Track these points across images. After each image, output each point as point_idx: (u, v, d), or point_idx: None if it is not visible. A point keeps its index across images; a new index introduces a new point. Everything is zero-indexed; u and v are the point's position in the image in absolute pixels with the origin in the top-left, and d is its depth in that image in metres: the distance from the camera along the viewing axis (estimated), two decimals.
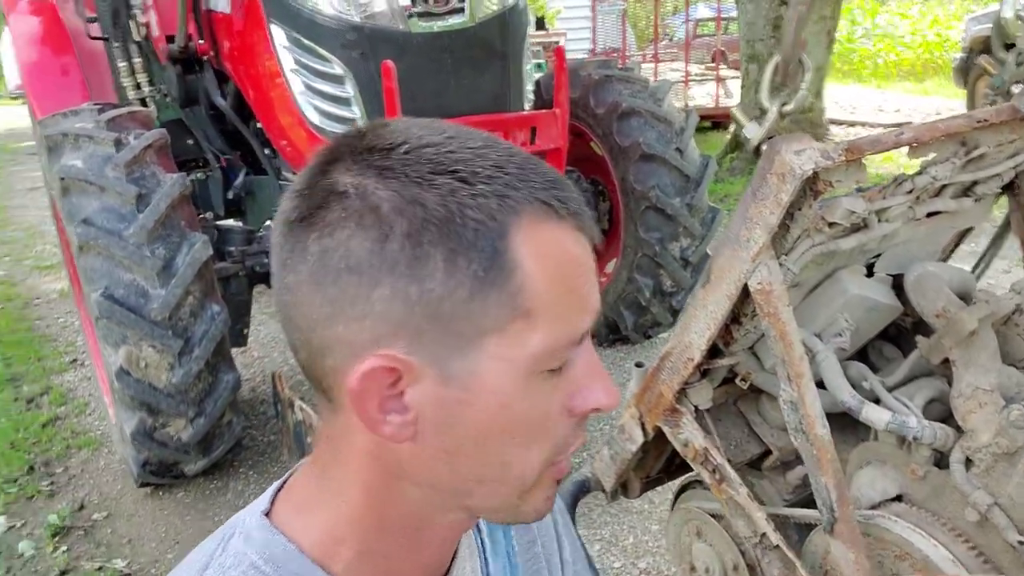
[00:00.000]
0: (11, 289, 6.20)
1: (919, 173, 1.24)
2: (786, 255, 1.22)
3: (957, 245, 1.57)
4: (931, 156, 1.26)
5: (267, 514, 0.65)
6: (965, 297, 1.31)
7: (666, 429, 1.44)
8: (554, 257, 0.57)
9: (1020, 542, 1.10)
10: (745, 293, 1.25)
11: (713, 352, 1.42)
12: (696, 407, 1.42)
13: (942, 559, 1.15)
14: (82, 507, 3.23)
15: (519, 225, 0.56)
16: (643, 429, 1.51)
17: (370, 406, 0.57)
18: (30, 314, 5.62)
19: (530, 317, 0.56)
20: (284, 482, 0.69)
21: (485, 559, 0.78)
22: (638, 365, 1.73)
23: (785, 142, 1.11)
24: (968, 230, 1.52)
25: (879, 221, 1.24)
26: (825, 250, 1.22)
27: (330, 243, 0.55)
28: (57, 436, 3.79)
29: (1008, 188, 1.42)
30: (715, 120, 10.79)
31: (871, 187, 1.23)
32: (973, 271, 1.56)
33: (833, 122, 10.14)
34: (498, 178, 0.56)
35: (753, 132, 1.25)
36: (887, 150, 1.16)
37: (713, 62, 12.20)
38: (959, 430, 1.20)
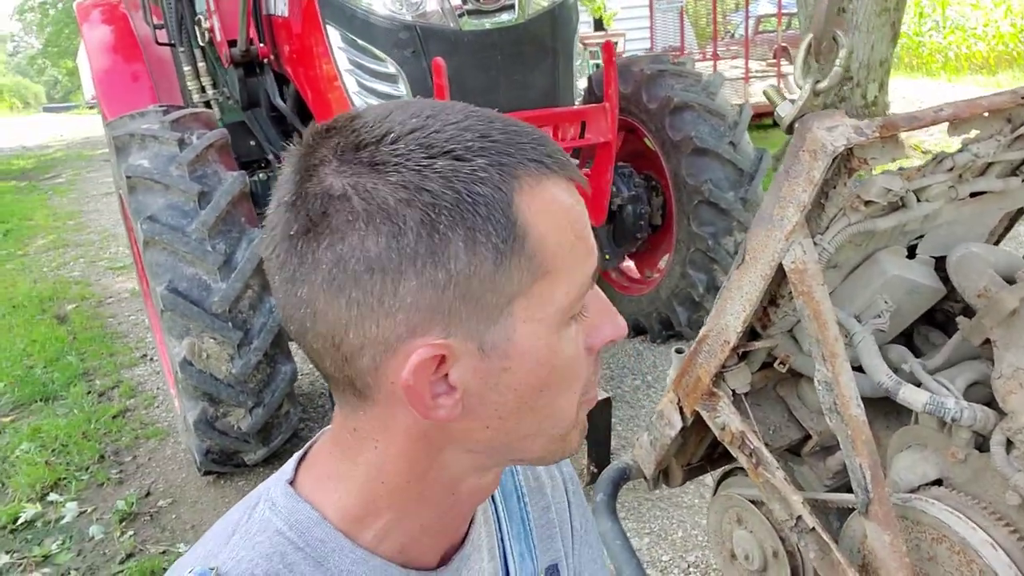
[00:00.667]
0: (86, 289, 6.47)
1: (960, 150, 1.21)
2: (821, 234, 1.21)
3: (1010, 227, 1.53)
4: (973, 134, 1.23)
5: (291, 483, 0.68)
6: (1011, 280, 1.28)
7: (704, 413, 1.44)
8: (557, 212, 0.59)
9: None
10: (781, 274, 1.24)
11: (751, 335, 1.41)
12: (734, 391, 1.42)
13: (981, 542, 1.12)
14: (148, 494, 3.36)
15: (521, 189, 0.58)
16: (681, 414, 1.52)
17: (424, 396, 0.59)
18: (103, 312, 5.86)
19: (549, 274, 0.59)
20: (305, 453, 0.71)
21: (499, 524, 0.80)
22: (678, 351, 1.73)
23: (817, 119, 1.11)
24: (1020, 211, 1.48)
25: (919, 201, 1.22)
26: (862, 229, 1.21)
27: (343, 249, 0.56)
28: (126, 427, 3.95)
29: None
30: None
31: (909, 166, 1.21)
32: None
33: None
34: (490, 148, 0.58)
35: (786, 111, 1.24)
36: (925, 126, 1.14)
37: (775, 58, 11.98)
38: (1001, 412, 1.17)
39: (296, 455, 0.71)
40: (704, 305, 3.99)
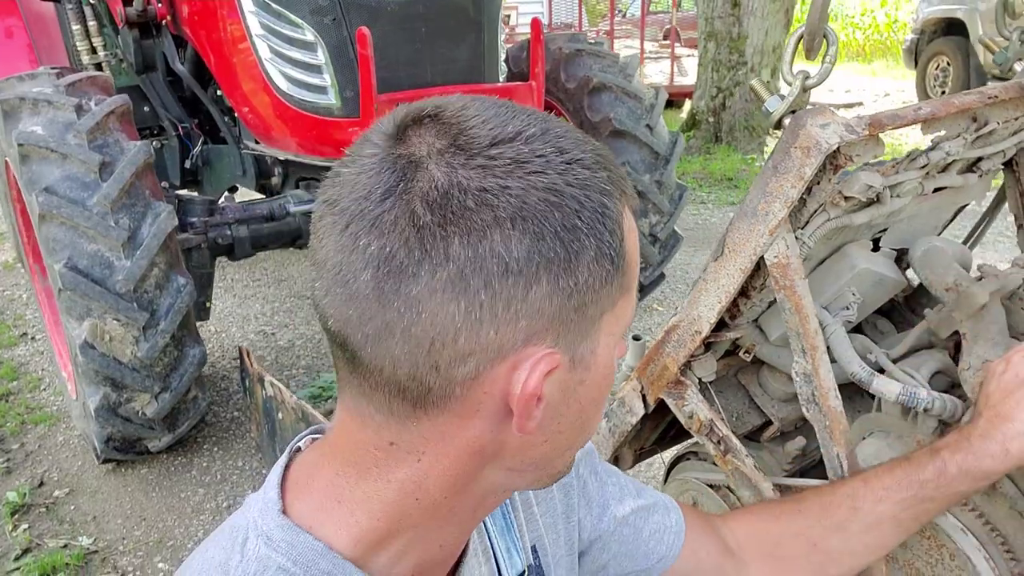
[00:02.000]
0: None
1: (932, 148, 1.25)
2: (802, 229, 1.23)
3: (950, 220, 1.60)
4: (942, 132, 1.27)
5: (283, 512, 0.62)
6: (966, 270, 1.34)
7: (670, 402, 1.45)
8: (633, 234, 0.61)
9: None
10: (756, 267, 1.25)
11: (718, 325, 1.42)
12: (700, 379, 1.43)
13: (952, 527, 1.18)
14: (42, 484, 3.14)
15: (624, 210, 0.59)
16: (644, 402, 1.52)
17: (533, 408, 0.57)
18: None
19: (628, 291, 0.60)
20: (284, 474, 0.66)
21: (485, 524, 0.79)
22: (635, 338, 1.73)
23: (810, 115, 1.11)
24: (963, 206, 1.55)
25: (892, 196, 1.25)
26: (839, 224, 1.23)
27: (484, 248, 0.53)
28: (11, 412, 3.67)
29: (1007, 165, 1.45)
30: (670, 98, 10.85)
31: (886, 162, 1.23)
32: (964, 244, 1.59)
33: None
34: (602, 161, 0.58)
35: (775, 106, 1.24)
36: (907, 125, 1.17)
37: (666, 39, 12.25)
38: (967, 402, 1.23)
39: (273, 480, 0.65)
40: None
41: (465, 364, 0.55)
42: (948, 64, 9.43)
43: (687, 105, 9.55)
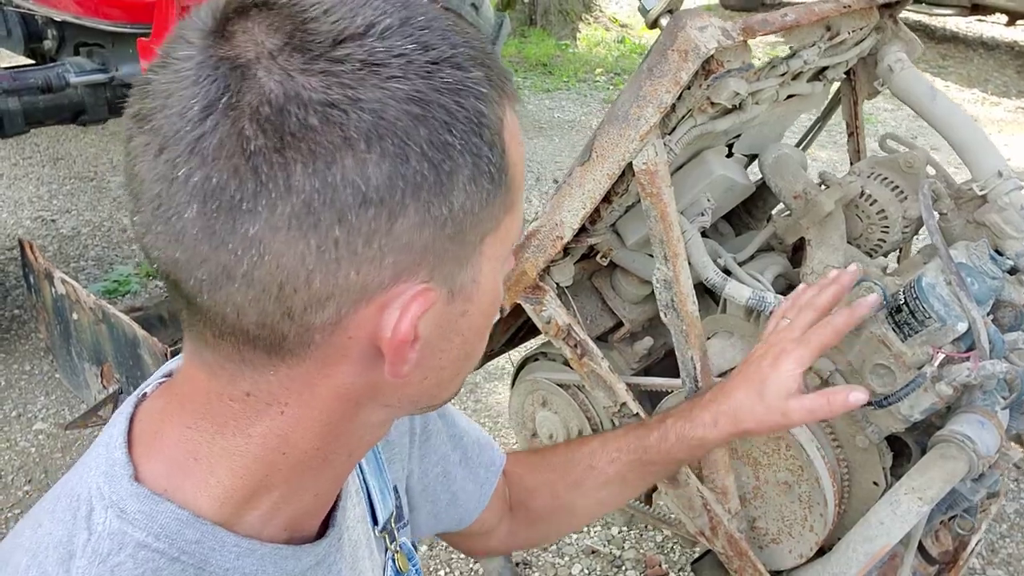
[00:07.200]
0: None
1: (791, 56, 1.26)
2: (669, 135, 1.21)
3: (818, 132, 1.67)
4: (799, 41, 1.29)
5: (135, 478, 0.53)
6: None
7: (527, 307, 1.43)
8: (518, 142, 0.53)
9: None
10: (622, 172, 1.23)
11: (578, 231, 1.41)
12: (558, 284, 1.41)
13: None
14: None
15: (505, 114, 0.50)
16: (500, 307, 1.49)
17: (406, 351, 0.49)
18: None
19: (513, 208, 0.53)
20: (129, 430, 0.56)
21: (360, 464, 0.74)
22: None
23: (689, 17, 1.07)
24: (827, 116, 1.62)
25: (751, 103, 1.27)
26: (704, 131, 1.23)
27: (334, 175, 0.43)
28: None
29: (847, 74, 1.51)
30: None
31: (750, 68, 1.23)
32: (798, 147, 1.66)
33: None
34: (478, 57, 0.48)
35: (652, 3, 1.19)
36: (776, 31, 1.16)
37: None
38: None
39: (116, 435, 0.55)
40: None
41: (324, 309, 0.47)
42: None
43: None
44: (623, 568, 2.17)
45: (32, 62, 3.46)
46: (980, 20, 7.79)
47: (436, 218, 0.46)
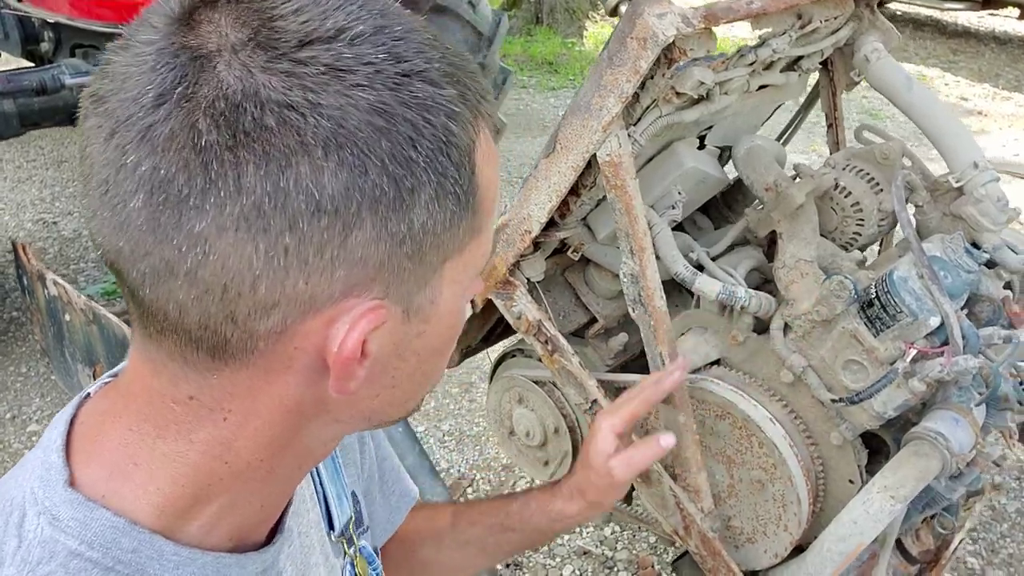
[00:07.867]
0: None
1: (760, 45, 1.24)
2: (634, 125, 1.19)
3: (799, 125, 1.64)
4: (768, 29, 1.26)
5: (70, 483, 0.51)
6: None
7: (498, 302, 1.41)
8: (492, 165, 0.51)
9: (832, 400, 1.20)
10: (588, 164, 1.21)
11: (547, 224, 1.39)
12: (529, 279, 1.39)
13: (762, 418, 1.24)
14: None
15: (479, 135, 0.49)
16: (471, 302, 1.47)
17: (354, 367, 0.48)
18: None
19: (480, 234, 0.52)
20: (68, 433, 0.54)
21: (316, 469, 0.73)
22: None
23: (648, 4, 1.05)
24: (808, 107, 1.59)
25: (720, 94, 1.24)
26: (671, 122, 1.20)
27: (287, 180, 0.42)
28: None
29: (823, 65, 1.48)
30: None
31: (717, 57, 1.21)
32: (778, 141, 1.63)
33: None
34: (455, 75, 0.47)
35: None
36: (741, 19, 1.14)
37: None
38: (780, 299, 1.28)
39: (54, 438, 0.53)
40: None
41: (268, 316, 0.45)
42: None
43: None
44: (615, 569, 2.14)
45: (30, 64, 3.47)
46: (992, 14, 7.70)
47: (394, 234, 0.45)
